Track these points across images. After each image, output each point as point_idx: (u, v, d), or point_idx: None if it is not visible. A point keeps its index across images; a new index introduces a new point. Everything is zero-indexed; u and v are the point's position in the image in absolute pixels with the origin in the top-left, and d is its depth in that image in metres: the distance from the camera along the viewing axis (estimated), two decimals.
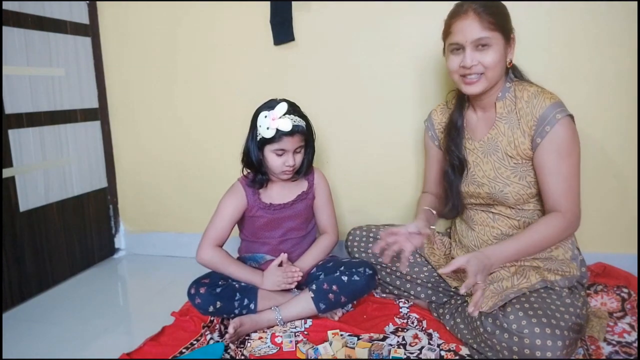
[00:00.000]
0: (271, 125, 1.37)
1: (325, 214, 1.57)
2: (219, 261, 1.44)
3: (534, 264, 1.27)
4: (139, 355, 1.27)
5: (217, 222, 1.47)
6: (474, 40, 1.19)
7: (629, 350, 1.19)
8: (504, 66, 1.24)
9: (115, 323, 1.53)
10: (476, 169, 1.33)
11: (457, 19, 1.22)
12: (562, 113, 1.19)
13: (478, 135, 1.34)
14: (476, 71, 1.21)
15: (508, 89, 1.28)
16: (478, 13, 1.18)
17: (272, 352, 1.27)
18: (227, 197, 1.49)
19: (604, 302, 1.42)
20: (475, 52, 1.20)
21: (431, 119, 1.48)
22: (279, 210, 1.49)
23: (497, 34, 1.19)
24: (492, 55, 1.20)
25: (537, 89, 1.25)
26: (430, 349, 1.23)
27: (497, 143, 1.29)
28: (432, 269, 1.46)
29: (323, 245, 1.55)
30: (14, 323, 1.54)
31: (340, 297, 1.40)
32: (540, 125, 1.20)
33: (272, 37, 1.78)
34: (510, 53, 1.25)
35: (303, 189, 1.53)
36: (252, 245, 1.53)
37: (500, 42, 1.20)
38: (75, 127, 1.91)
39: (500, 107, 1.28)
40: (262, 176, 1.47)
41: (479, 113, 1.34)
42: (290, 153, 1.41)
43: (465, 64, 1.21)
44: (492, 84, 1.25)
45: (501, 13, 1.22)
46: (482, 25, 1.18)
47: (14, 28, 1.64)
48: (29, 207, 1.71)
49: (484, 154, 1.32)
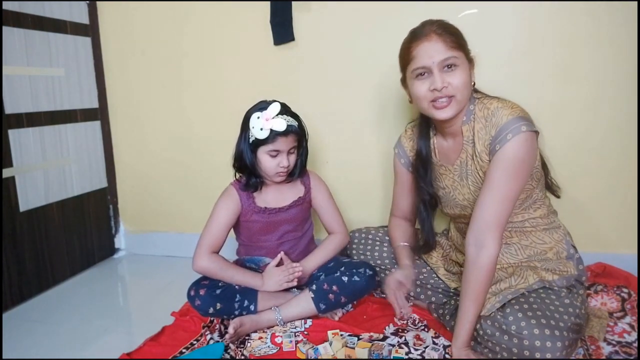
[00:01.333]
0: (265, 126, 1.36)
1: (329, 214, 1.55)
2: (216, 267, 1.41)
3: (531, 264, 1.27)
4: (139, 355, 1.27)
5: (212, 228, 1.45)
6: (441, 61, 1.15)
7: (629, 350, 1.19)
8: (470, 89, 1.21)
9: (115, 323, 1.53)
10: (456, 193, 1.32)
11: (419, 42, 1.18)
12: (514, 132, 1.13)
13: (451, 160, 1.32)
14: (446, 93, 1.17)
15: (471, 111, 1.24)
16: (439, 34, 1.16)
17: (272, 352, 1.27)
18: (220, 202, 1.47)
19: (604, 302, 1.42)
20: (443, 74, 1.16)
21: (402, 145, 1.44)
22: (274, 214, 1.47)
23: (461, 53, 1.17)
24: (460, 76, 1.17)
25: (498, 104, 1.20)
26: (434, 349, 1.23)
27: (468, 167, 1.27)
28: (430, 270, 1.46)
29: (329, 246, 1.53)
30: (14, 323, 1.54)
31: (341, 298, 1.40)
32: (493, 143, 1.17)
33: (272, 37, 1.78)
34: (473, 73, 1.22)
35: (299, 194, 1.51)
36: (250, 249, 1.53)
37: (464, 62, 1.18)
38: (75, 127, 1.91)
39: (466, 130, 1.25)
40: (255, 179, 1.45)
41: (449, 140, 1.31)
42: (285, 154, 1.40)
43: (436, 87, 1.16)
44: (461, 107, 1.21)
45: (459, 33, 1.20)
46: (447, 45, 1.15)
47: (14, 28, 1.64)
48: (29, 207, 1.71)
49: (460, 177, 1.30)
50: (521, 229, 1.28)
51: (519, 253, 1.28)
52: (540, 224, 1.28)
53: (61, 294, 1.76)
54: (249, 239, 1.52)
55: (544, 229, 1.29)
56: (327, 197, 1.56)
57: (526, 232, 1.28)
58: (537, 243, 1.28)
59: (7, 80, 1.61)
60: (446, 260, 1.47)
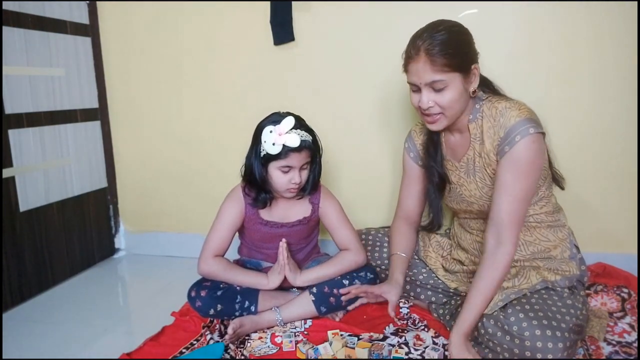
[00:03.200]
0: (277, 141, 1.30)
1: (342, 233, 1.47)
2: (219, 270, 1.40)
3: (533, 264, 1.27)
4: (139, 355, 1.27)
5: (217, 229, 1.44)
6: (428, 83, 1.16)
7: (629, 350, 1.19)
8: (465, 99, 1.21)
9: (115, 323, 1.53)
10: (462, 189, 1.33)
11: (410, 59, 1.18)
12: (522, 133, 1.14)
13: (458, 156, 1.33)
14: (433, 112, 1.19)
15: (478, 110, 1.25)
16: (431, 55, 1.13)
17: (272, 352, 1.27)
18: (226, 203, 1.45)
19: (604, 302, 1.42)
20: (430, 93, 1.18)
21: (412, 139, 1.45)
22: (278, 228, 1.45)
23: (452, 74, 1.15)
24: (449, 96, 1.17)
25: (506, 104, 1.20)
26: (435, 349, 1.23)
27: (476, 163, 1.28)
28: (430, 270, 1.46)
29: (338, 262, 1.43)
30: (14, 323, 1.54)
31: (341, 301, 1.39)
32: (501, 144, 1.18)
33: (272, 37, 1.78)
34: (473, 83, 1.20)
35: (305, 214, 1.46)
36: (252, 251, 1.52)
37: (457, 80, 1.16)
38: (75, 127, 1.91)
39: (473, 128, 1.26)
40: (265, 195, 1.40)
41: (456, 135, 1.32)
42: (297, 170, 1.35)
43: (420, 105, 1.20)
44: (453, 119, 1.23)
45: (457, 49, 1.15)
46: (435, 68, 1.14)
47: (14, 28, 1.63)
48: (29, 207, 1.71)
49: (466, 174, 1.31)
50: (525, 224, 1.28)
51: (523, 249, 1.29)
52: (545, 220, 1.28)
53: (61, 294, 1.76)
54: (251, 242, 1.51)
55: (548, 226, 1.29)
56: (337, 215, 1.48)
57: (530, 227, 1.28)
58: (542, 240, 1.29)
59: (7, 80, 1.61)
60: (446, 260, 1.47)
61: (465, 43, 1.19)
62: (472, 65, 1.19)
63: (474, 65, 1.19)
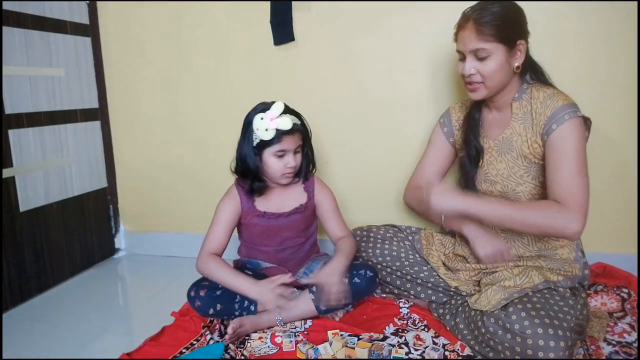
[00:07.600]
0: (270, 126, 1.34)
1: (333, 222, 1.52)
2: (212, 269, 1.39)
3: (536, 263, 1.27)
4: (139, 355, 1.27)
5: (214, 227, 1.45)
6: (472, 51, 1.22)
7: (629, 350, 1.19)
8: (506, 73, 1.25)
9: (115, 323, 1.53)
10: (489, 167, 1.35)
11: (460, 28, 1.26)
12: (570, 114, 1.20)
13: (493, 134, 1.35)
14: (475, 80, 1.24)
15: (525, 90, 1.29)
16: (478, 23, 1.20)
17: (272, 352, 1.27)
18: (223, 201, 1.47)
19: (604, 302, 1.42)
20: (474, 61, 1.23)
21: (449, 115, 1.49)
22: (275, 220, 1.45)
23: (496, 44, 1.20)
24: (490, 66, 1.22)
25: (554, 90, 1.27)
26: (435, 349, 1.23)
27: (512, 143, 1.30)
28: (431, 268, 1.46)
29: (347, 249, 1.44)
30: (14, 323, 1.54)
31: None
32: (548, 124, 1.22)
33: (272, 37, 1.78)
34: (517, 59, 1.25)
35: (302, 202, 1.48)
36: (251, 250, 1.52)
37: (500, 52, 1.21)
38: (75, 127, 1.91)
39: (516, 107, 1.30)
40: (259, 183, 1.43)
41: (494, 113, 1.36)
42: (291, 153, 1.39)
43: (464, 72, 1.25)
44: (493, 91, 1.27)
45: (505, 22, 1.21)
46: (479, 37, 1.20)
47: (14, 28, 1.63)
48: (29, 207, 1.71)
49: (499, 152, 1.33)
50: None
51: (531, 244, 1.31)
52: None
53: (61, 294, 1.76)
54: (250, 240, 1.51)
55: None
56: (331, 206, 1.52)
57: None
58: (550, 238, 1.30)
59: (7, 80, 1.61)
60: (448, 258, 1.46)
61: (513, 18, 1.24)
62: (518, 40, 1.23)
63: (520, 41, 1.24)
